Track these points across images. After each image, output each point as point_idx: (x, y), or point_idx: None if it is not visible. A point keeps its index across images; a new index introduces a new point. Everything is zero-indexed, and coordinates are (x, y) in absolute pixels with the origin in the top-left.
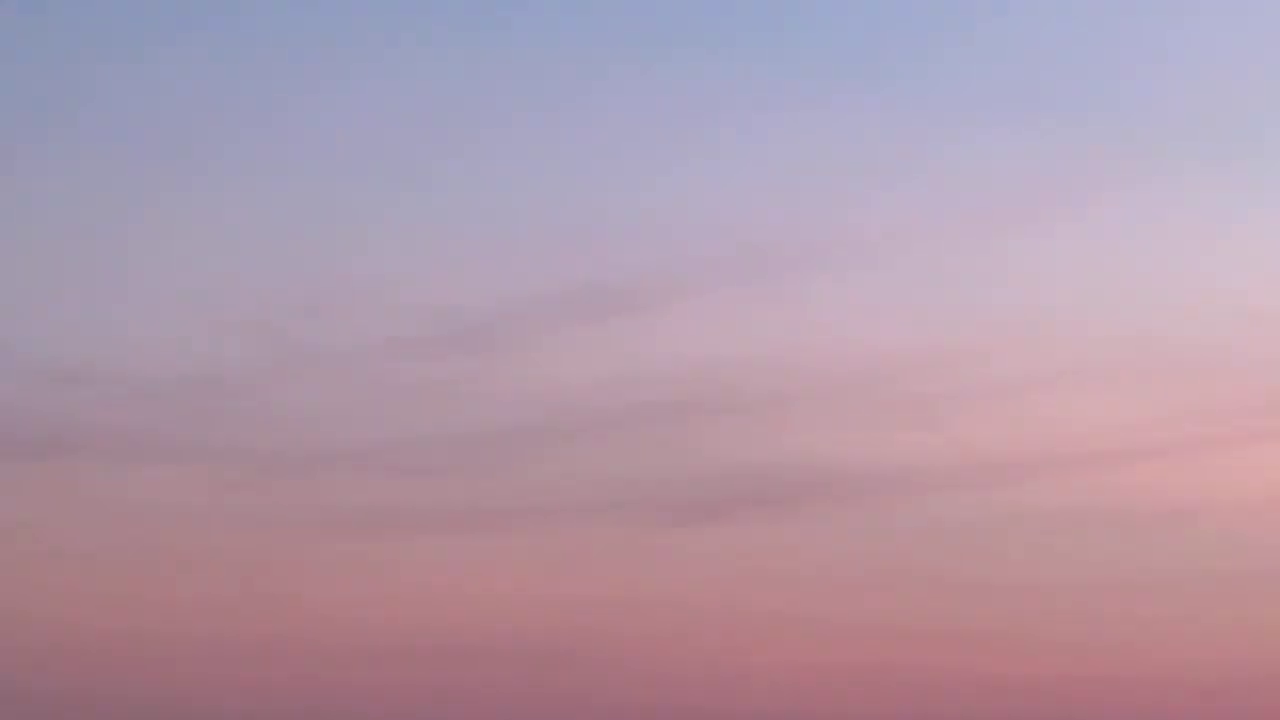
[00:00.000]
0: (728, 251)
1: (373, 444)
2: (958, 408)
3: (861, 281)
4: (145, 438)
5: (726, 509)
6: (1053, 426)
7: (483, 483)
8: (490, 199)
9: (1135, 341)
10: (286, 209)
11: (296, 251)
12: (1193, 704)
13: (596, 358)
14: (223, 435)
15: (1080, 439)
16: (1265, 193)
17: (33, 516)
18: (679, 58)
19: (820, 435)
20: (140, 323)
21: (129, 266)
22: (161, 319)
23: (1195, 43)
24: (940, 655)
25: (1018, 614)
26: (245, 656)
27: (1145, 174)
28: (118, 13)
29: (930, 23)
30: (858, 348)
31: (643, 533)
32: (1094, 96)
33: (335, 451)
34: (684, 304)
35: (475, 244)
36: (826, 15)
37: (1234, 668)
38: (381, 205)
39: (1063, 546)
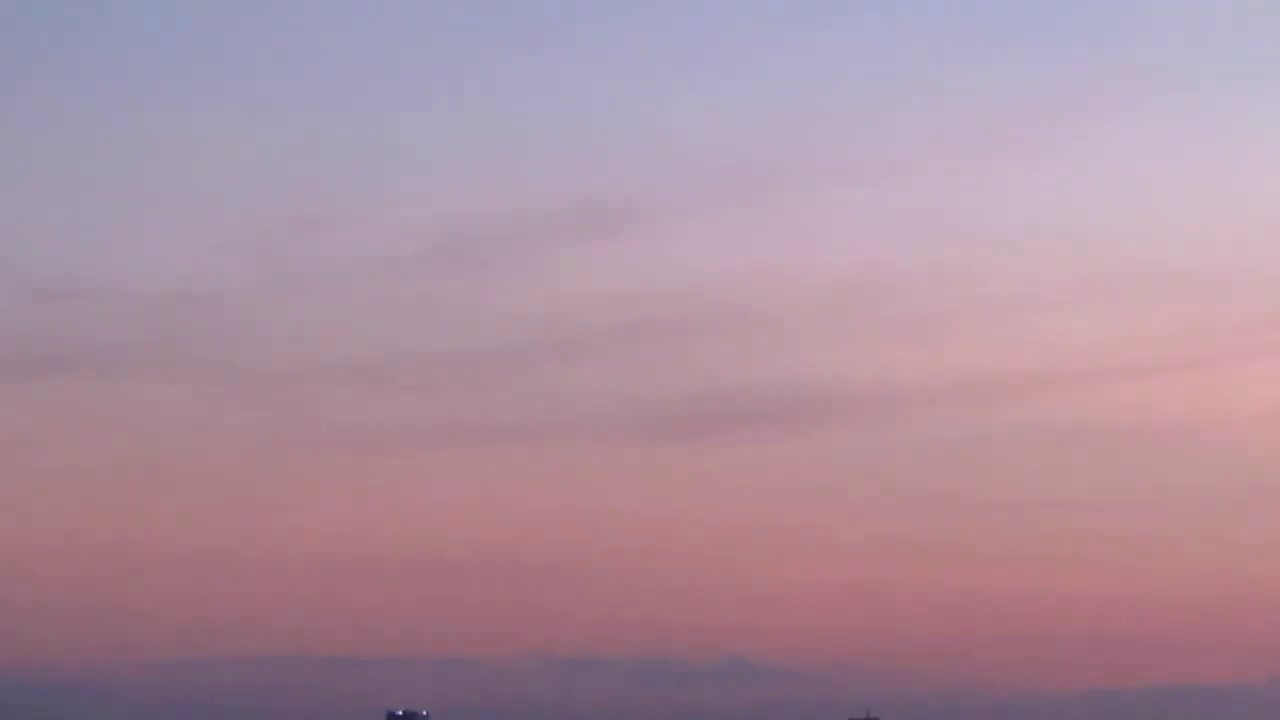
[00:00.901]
0: (728, 171)
1: (370, 361)
2: (956, 326)
3: (861, 202)
4: (142, 354)
5: (725, 425)
6: (1049, 345)
7: (480, 399)
8: (490, 116)
9: (1131, 261)
10: (284, 127)
11: (294, 168)
12: (1188, 617)
13: (596, 274)
14: (220, 351)
15: (1076, 357)
16: (1260, 115)
17: (30, 433)
18: None
19: (818, 353)
20: (137, 240)
21: (126, 185)
22: (159, 236)
23: None
24: (937, 570)
25: (1013, 530)
26: (242, 569)
27: (1143, 98)
28: None
29: None
30: (857, 266)
31: (641, 448)
32: (1095, 22)
33: (332, 368)
34: (684, 222)
35: (474, 161)
36: None
37: (1231, 582)
38: (380, 123)
39: (1059, 463)
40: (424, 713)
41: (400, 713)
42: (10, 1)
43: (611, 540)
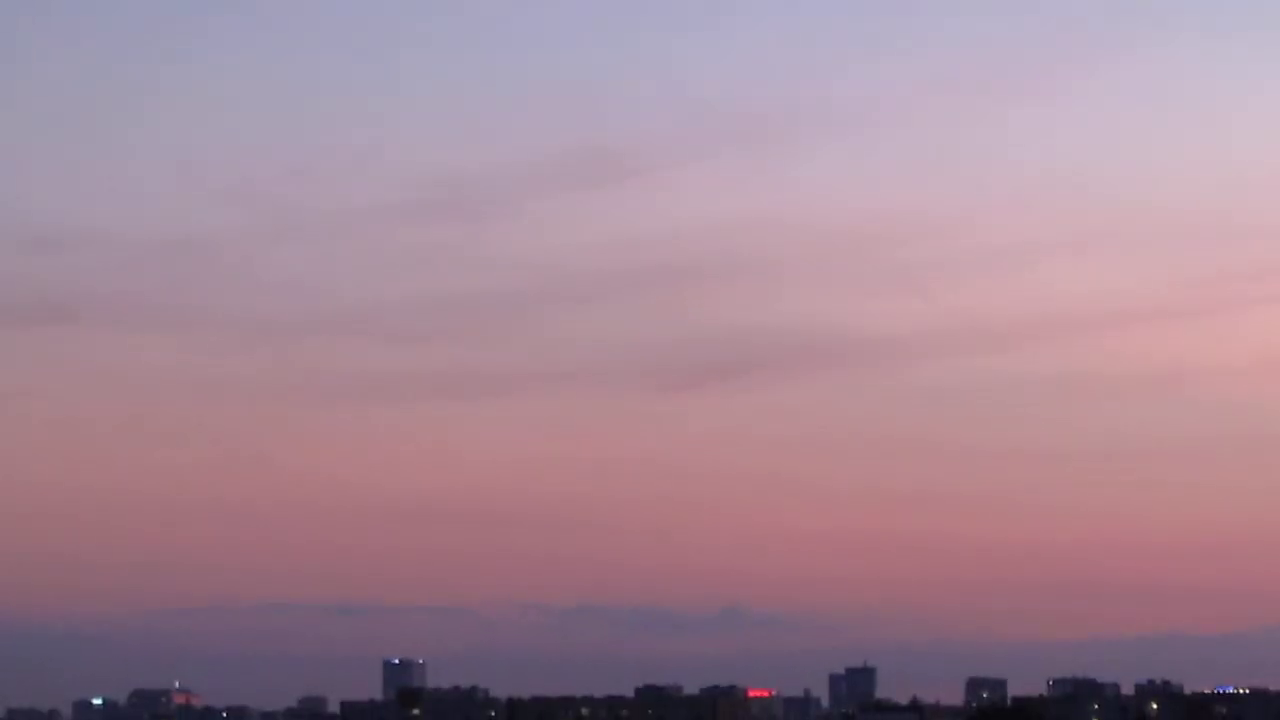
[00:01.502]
0: (730, 119)
1: (368, 309)
2: (953, 274)
3: (859, 149)
4: (139, 303)
5: (723, 374)
6: (1046, 293)
7: (478, 348)
8: (486, 62)
9: (1127, 209)
10: (275, 74)
11: (291, 117)
12: (1185, 563)
13: (597, 222)
14: (217, 301)
15: (1074, 305)
16: (1263, 64)
17: (24, 382)
18: None
19: (815, 301)
20: (135, 190)
21: (122, 135)
22: (155, 186)
23: None
24: (935, 518)
25: (1011, 478)
26: (238, 518)
27: (1142, 44)
28: None
29: None
30: (855, 214)
31: (639, 396)
32: None
33: (330, 317)
34: (685, 169)
35: (474, 108)
36: None
37: (1226, 529)
38: (372, 69)
39: (1057, 411)
40: (420, 660)
41: (398, 661)
42: None
43: (607, 488)
